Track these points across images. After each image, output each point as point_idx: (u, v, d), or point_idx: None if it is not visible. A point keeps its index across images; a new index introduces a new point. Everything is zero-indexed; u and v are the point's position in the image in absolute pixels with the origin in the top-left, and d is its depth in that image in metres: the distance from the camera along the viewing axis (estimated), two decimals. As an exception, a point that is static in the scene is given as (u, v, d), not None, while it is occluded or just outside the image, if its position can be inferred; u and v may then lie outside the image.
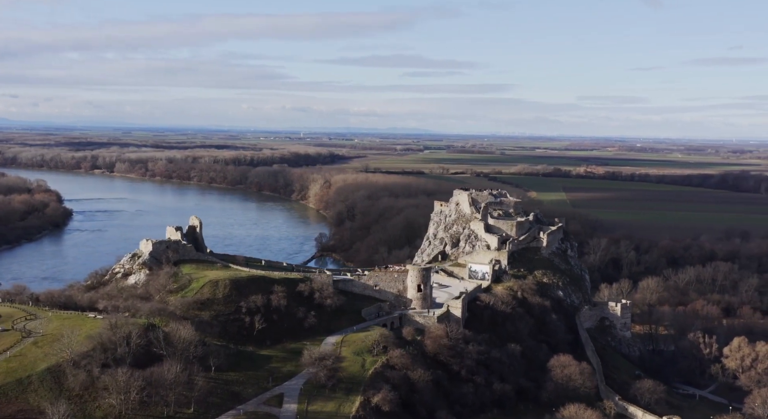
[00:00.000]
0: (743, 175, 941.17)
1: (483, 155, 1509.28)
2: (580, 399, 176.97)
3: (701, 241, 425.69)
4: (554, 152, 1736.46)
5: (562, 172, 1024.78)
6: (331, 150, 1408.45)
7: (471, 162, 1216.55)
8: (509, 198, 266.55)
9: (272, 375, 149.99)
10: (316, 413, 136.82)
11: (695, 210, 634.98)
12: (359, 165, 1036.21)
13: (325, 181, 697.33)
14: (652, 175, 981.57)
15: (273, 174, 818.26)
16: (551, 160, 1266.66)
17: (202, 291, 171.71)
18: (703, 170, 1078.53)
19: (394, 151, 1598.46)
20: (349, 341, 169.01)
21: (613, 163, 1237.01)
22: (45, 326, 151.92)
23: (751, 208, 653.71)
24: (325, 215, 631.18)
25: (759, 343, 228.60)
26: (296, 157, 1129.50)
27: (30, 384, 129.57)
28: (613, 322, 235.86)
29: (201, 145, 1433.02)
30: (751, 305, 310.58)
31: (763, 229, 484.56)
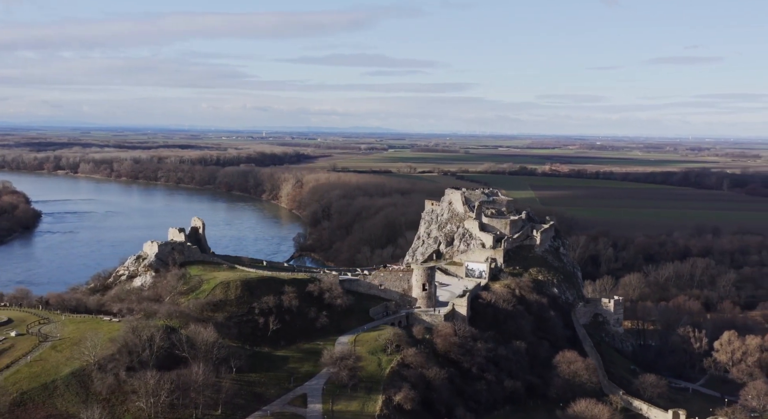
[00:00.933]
0: (705, 173, 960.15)
1: (448, 154, 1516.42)
2: (587, 394, 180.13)
3: (675, 238, 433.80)
4: (517, 150, 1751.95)
5: (528, 171, 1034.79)
6: (296, 149, 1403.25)
7: (437, 161, 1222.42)
8: (501, 196, 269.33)
9: (292, 376, 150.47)
10: (342, 412, 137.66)
11: (663, 207, 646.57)
12: (326, 164, 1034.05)
13: (296, 181, 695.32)
14: (616, 172, 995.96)
15: (243, 174, 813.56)
16: (516, 159, 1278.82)
17: (215, 293, 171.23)
18: (664, 168, 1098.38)
19: (359, 150, 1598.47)
20: (362, 340, 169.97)
21: (576, 161, 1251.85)
22: (60, 330, 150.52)
23: (716, 204, 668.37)
24: (298, 215, 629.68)
25: (748, 337, 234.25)
26: (262, 156, 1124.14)
27: (56, 389, 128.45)
28: (606, 318, 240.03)
29: (164, 145, 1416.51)
30: (730, 299, 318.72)
31: (731, 225, 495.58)
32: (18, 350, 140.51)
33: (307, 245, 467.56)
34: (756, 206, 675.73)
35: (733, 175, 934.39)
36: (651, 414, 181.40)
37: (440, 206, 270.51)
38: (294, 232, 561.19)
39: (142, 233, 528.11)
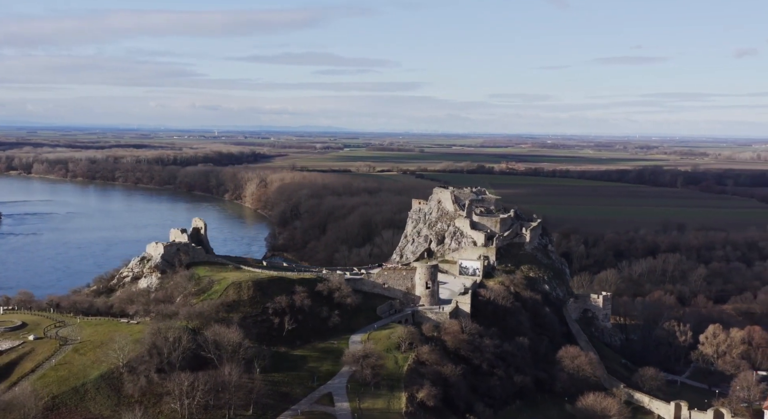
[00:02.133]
0: (658, 171, 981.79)
1: (403, 153, 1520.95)
2: (591, 388, 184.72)
3: (643, 234, 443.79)
4: (471, 149, 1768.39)
5: (485, 169, 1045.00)
6: (252, 149, 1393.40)
7: (395, 159, 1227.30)
8: (489, 195, 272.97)
9: (314, 375, 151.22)
10: (370, 410, 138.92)
11: (623, 205, 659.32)
12: (285, 163, 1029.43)
13: (260, 181, 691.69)
14: (572, 170, 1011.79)
15: (204, 174, 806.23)
16: (472, 157, 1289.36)
17: (228, 294, 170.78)
18: (617, 166, 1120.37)
19: (314, 149, 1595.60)
20: (375, 339, 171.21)
21: (531, 160, 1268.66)
22: (78, 333, 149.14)
23: (675, 201, 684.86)
24: (264, 215, 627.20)
25: (733, 330, 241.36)
26: (220, 156, 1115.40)
27: (87, 393, 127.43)
28: (596, 314, 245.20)
29: (118, 145, 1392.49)
30: (703, 294, 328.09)
31: (693, 222, 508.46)
32: (39, 354, 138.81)
33: (278, 245, 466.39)
34: (711, 203, 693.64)
35: (686, 172, 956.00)
36: (653, 407, 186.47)
37: (428, 205, 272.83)
38: (262, 232, 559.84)
39: (109, 234, 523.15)
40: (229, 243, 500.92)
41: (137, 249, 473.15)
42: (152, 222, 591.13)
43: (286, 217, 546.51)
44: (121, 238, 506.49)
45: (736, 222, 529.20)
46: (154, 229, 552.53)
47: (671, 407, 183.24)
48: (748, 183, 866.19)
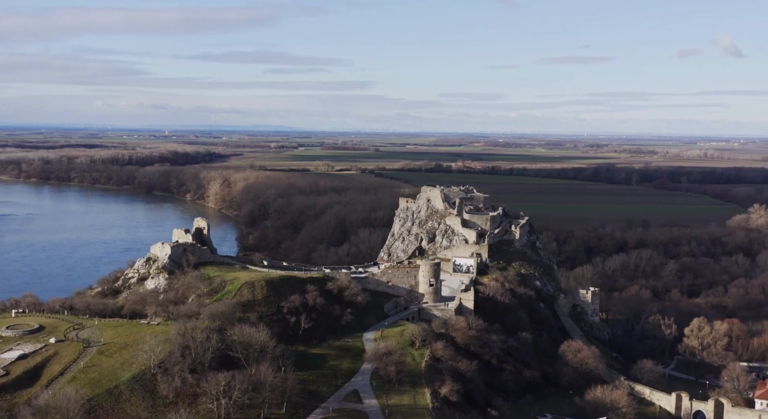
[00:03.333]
0: (613, 168, 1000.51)
1: (358, 152, 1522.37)
2: (594, 382, 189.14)
3: (611, 231, 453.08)
4: (425, 148, 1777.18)
5: (443, 168, 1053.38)
6: (207, 148, 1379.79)
7: (352, 158, 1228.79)
8: (477, 193, 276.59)
9: (336, 373, 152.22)
10: (398, 407, 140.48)
11: (584, 202, 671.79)
12: (242, 163, 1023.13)
13: (224, 180, 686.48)
14: (529, 169, 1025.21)
15: (164, 173, 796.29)
16: (428, 156, 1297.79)
17: (242, 294, 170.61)
18: (571, 164, 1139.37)
19: (269, 148, 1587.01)
20: (387, 336, 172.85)
21: (486, 158, 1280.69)
22: (98, 335, 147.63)
23: (635, 199, 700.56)
24: (229, 215, 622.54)
25: (716, 322, 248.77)
26: (176, 155, 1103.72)
27: (121, 394, 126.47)
28: (584, 309, 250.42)
29: (69, 145, 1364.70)
30: (677, 288, 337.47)
31: (655, 218, 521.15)
32: (64, 357, 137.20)
33: (250, 244, 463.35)
34: (668, 200, 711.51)
35: (639, 170, 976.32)
36: (654, 398, 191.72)
37: (416, 203, 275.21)
38: (229, 232, 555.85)
39: (74, 236, 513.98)
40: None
41: (105, 250, 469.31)
42: (116, 223, 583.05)
43: (254, 217, 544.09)
44: (87, 240, 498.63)
45: (695, 219, 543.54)
46: (119, 230, 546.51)
47: (672, 398, 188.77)
48: (700, 180, 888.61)
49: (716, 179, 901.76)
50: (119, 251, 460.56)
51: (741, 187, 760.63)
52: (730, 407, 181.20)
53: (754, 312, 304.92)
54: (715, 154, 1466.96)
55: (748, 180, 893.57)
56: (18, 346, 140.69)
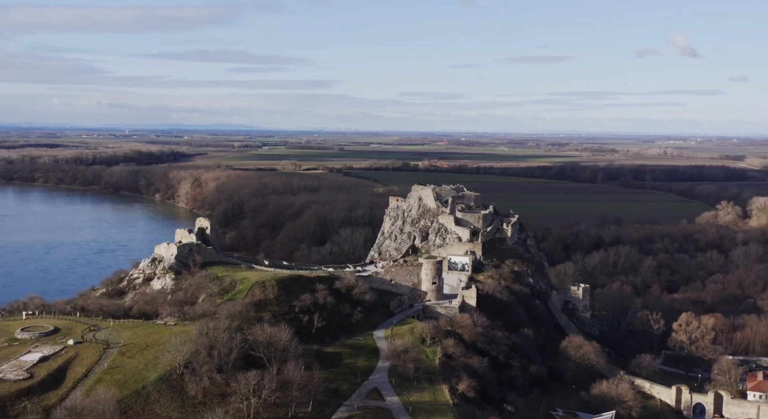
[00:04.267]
0: (578, 167, 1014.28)
1: (323, 151, 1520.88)
2: (596, 376, 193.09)
3: (586, 228, 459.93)
4: (389, 147, 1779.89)
5: (410, 167, 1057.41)
6: (171, 147, 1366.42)
7: (318, 157, 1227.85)
8: (467, 192, 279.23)
9: (354, 371, 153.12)
10: (420, 403, 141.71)
11: (555, 200, 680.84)
12: (209, 162, 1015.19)
13: (194, 180, 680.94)
14: (495, 167, 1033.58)
15: (132, 173, 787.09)
16: (393, 155, 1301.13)
17: (254, 293, 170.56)
18: (536, 162, 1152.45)
19: (232, 147, 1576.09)
20: (398, 334, 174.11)
21: (452, 157, 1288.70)
22: (116, 336, 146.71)
23: (603, 197, 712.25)
24: (201, 215, 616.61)
25: (704, 317, 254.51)
26: (140, 155, 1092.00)
27: (149, 395, 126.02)
28: (576, 305, 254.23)
29: (29, 144, 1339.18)
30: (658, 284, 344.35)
31: (626, 215, 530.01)
32: (85, 358, 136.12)
33: (227, 244, 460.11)
34: (635, 197, 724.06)
35: (604, 168, 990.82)
36: (654, 391, 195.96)
37: (407, 202, 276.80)
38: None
39: (45, 237, 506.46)
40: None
41: (79, 252, 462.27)
42: (86, 224, 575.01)
43: (229, 217, 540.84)
44: (59, 241, 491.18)
45: (663, 216, 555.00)
46: (91, 231, 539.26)
47: (672, 391, 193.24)
48: (663, 178, 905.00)
49: (679, 177, 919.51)
50: (93, 253, 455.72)
51: (705, 185, 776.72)
52: (730, 399, 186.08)
53: (732, 306, 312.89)
54: (675, 153, 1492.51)
55: (710, 177, 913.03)
56: (36, 349, 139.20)
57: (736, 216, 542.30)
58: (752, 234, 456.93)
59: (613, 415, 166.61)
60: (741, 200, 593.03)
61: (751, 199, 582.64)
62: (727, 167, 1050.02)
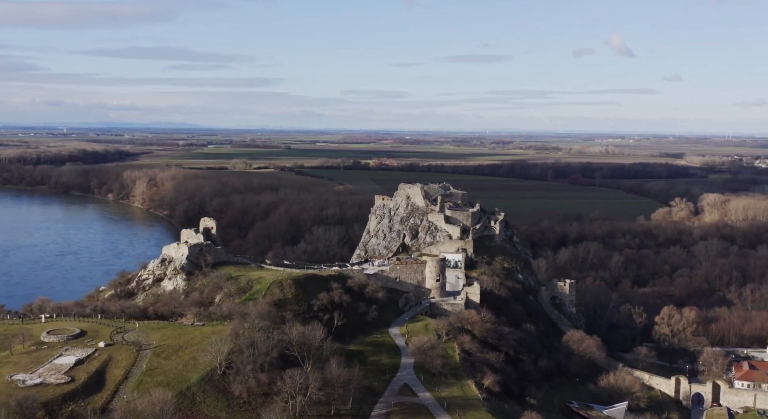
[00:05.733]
0: (528, 164, 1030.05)
1: (269, 149, 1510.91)
2: (598, 369, 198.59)
3: (550, 225, 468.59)
4: (335, 145, 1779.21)
5: (361, 165, 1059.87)
6: (115, 146, 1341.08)
7: (266, 156, 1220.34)
8: (454, 190, 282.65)
9: (380, 368, 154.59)
10: (452, 398, 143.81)
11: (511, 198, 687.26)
12: (158, 161, 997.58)
13: (149, 179, 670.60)
14: (446, 165, 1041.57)
15: (83, 173, 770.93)
16: (341, 154, 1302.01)
17: (272, 293, 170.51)
18: (482, 160, 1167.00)
19: (177, 146, 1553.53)
20: (413, 331, 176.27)
21: (401, 156, 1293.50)
22: (146, 337, 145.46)
23: (556, 194, 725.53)
24: (159, 215, 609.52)
25: (685, 310, 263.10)
26: (85, 154, 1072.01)
27: (194, 396, 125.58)
28: (563, 300, 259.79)
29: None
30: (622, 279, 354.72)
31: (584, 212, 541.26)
32: (120, 360, 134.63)
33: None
34: (587, 194, 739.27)
35: (552, 166, 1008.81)
36: (653, 382, 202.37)
37: (394, 201, 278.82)
38: (164, 233, 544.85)
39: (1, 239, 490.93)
40: (137, 245, 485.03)
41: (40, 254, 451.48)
42: (42, 225, 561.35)
43: (191, 216, 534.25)
44: (17, 243, 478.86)
45: (619, 212, 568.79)
46: (48, 233, 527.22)
47: (671, 382, 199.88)
48: (611, 175, 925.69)
49: (625, 174, 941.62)
50: (54, 255, 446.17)
51: (653, 182, 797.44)
52: (727, 388, 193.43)
53: (700, 300, 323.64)
54: (616, 151, 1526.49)
55: (655, 175, 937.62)
56: (67, 352, 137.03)
57: (689, 212, 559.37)
58: (708, 229, 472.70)
59: (626, 406, 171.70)
60: (691, 196, 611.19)
61: (702, 196, 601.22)
62: (671, 165, 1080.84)
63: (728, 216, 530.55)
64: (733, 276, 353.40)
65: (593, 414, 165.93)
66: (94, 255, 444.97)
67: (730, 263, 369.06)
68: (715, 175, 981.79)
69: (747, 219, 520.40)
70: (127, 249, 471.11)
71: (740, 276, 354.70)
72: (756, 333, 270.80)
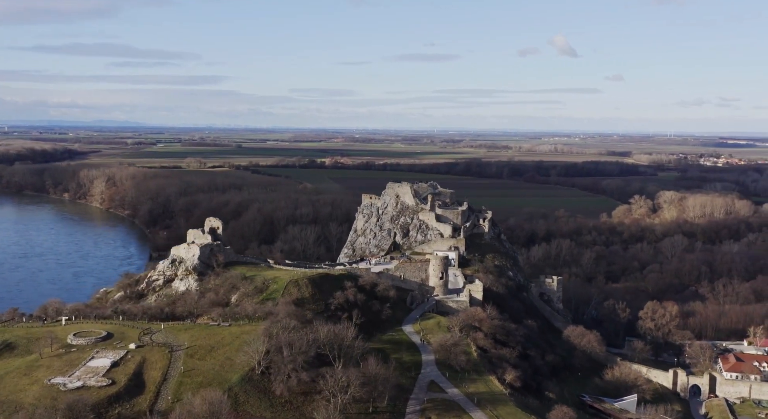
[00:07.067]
0: (483, 163, 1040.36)
1: (222, 148, 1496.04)
2: (599, 363, 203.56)
3: (519, 223, 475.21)
4: (286, 144, 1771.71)
5: (317, 164, 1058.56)
6: (63, 145, 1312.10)
7: (220, 155, 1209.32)
8: (441, 189, 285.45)
9: (404, 366, 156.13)
10: (479, 394, 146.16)
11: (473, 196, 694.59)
12: (110, 160, 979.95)
13: (108, 179, 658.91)
14: (402, 164, 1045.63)
15: (36, 172, 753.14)
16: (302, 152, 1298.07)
17: (290, 292, 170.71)
18: (436, 159, 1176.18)
19: (126, 145, 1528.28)
20: (427, 328, 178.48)
21: (354, 154, 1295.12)
22: (174, 338, 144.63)
23: (515, 192, 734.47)
24: (120, 214, 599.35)
25: (667, 304, 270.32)
26: (34, 153, 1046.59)
27: (237, 396, 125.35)
28: (551, 296, 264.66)
29: None
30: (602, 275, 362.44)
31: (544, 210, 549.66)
32: (155, 362, 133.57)
33: (163, 245, 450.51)
34: (544, 192, 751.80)
35: (507, 164, 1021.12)
36: (651, 375, 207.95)
37: (382, 200, 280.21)
38: (126, 233, 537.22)
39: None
40: (102, 246, 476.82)
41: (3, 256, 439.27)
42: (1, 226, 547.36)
43: (156, 216, 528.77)
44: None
45: (580, 209, 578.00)
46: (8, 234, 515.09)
47: (669, 374, 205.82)
48: (565, 173, 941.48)
49: (578, 172, 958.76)
50: (18, 257, 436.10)
51: (608, 180, 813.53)
52: (723, 380, 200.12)
53: (673, 295, 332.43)
54: (565, 149, 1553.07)
55: (607, 172, 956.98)
56: (99, 354, 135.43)
57: (648, 209, 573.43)
58: (669, 226, 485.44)
59: (636, 399, 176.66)
60: (648, 194, 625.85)
61: (659, 193, 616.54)
62: (621, 163, 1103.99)
63: (686, 213, 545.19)
64: (702, 271, 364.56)
65: (608, 407, 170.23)
66: (60, 257, 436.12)
67: (697, 259, 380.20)
68: (663, 173, 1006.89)
69: (705, 215, 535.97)
70: (93, 250, 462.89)
71: (708, 271, 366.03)
72: (732, 326, 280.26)
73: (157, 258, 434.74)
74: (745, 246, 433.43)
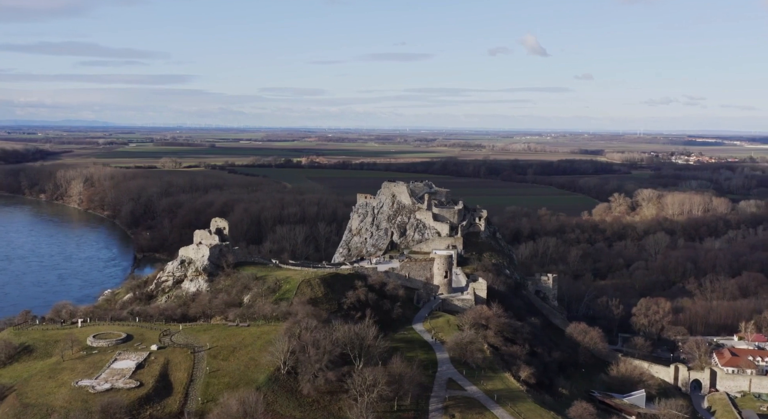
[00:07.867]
0: (460, 161, 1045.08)
1: (195, 147, 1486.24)
2: (602, 359, 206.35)
3: (504, 221, 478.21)
4: (259, 143, 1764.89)
5: (293, 163, 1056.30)
6: (34, 145, 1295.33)
7: (195, 154, 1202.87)
8: (436, 188, 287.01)
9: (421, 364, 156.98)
10: (498, 391, 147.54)
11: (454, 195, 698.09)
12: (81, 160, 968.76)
13: (86, 179, 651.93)
14: (379, 163, 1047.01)
15: (11, 172, 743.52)
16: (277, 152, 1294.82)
17: (303, 292, 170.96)
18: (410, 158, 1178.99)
19: (97, 145, 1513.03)
20: (437, 326, 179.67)
21: (329, 153, 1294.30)
22: (194, 339, 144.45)
23: (494, 190, 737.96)
24: (99, 215, 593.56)
25: (660, 301, 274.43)
26: (5, 153, 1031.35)
27: (266, 396, 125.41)
28: (546, 294, 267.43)
29: None
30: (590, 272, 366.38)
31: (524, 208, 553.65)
32: (178, 363, 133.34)
33: (147, 246, 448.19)
34: (523, 191, 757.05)
35: (484, 162, 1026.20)
36: (653, 371, 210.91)
37: (377, 199, 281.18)
38: (108, 235, 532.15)
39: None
40: (86, 248, 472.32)
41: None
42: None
43: (138, 217, 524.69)
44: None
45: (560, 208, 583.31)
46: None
47: (670, 370, 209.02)
48: (542, 171, 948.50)
49: (554, 171, 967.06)
50: (1, 260, 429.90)
51: (585, 178, 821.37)
52: (724, 374, 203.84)
53: (661, 291, 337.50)
54: (538, 148, 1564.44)
55: (582, 171, 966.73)
56: (121, 356, 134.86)
57: (627, 207, 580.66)
58: (650, 224, 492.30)
59: (644, 394, 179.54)
60: (626, 192, 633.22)
61: (637, 191, 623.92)
62: (595, 161, 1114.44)
63: (665, 210, 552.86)
64: (688, 267, 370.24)
65: (618, 403, 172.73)
66: (43, 259, 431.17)
67: (682, 256, 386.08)
68: (637, 171, 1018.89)
69: (683, 213, 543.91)
70: (76, 252, 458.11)
71: (693, 267, 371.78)
72: (721, 322, 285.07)
73: (142, 260, 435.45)
74: (726, 242, 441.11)
